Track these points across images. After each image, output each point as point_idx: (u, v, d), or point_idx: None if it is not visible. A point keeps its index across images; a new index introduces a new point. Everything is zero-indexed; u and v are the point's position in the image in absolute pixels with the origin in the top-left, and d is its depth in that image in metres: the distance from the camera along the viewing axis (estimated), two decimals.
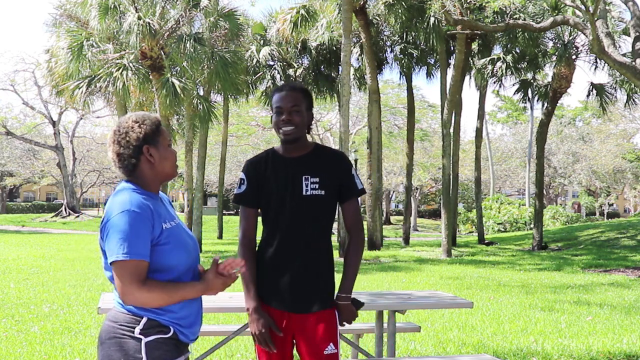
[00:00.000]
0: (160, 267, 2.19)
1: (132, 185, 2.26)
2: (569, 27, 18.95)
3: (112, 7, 16.76)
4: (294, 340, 2.72)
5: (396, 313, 4.43)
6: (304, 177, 2.70)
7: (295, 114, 2.67)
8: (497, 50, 22.80)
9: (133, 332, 2.14)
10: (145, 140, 2.26)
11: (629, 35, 15.44)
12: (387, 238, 29.66)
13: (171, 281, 2.20)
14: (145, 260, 2.13)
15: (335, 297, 2.76)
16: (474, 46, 21.56)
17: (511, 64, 21.16)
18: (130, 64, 16.94)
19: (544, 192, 34.93)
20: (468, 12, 17.33)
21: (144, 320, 2.16)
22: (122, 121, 2.30)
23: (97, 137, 47.71)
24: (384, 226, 30.56)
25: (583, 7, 13.17)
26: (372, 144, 20.17)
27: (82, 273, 11.88)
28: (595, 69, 20.48)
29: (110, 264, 2.12)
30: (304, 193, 2.68)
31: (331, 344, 2.68)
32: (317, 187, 2.69)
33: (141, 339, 2.14)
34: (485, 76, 22.26)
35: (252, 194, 2.75)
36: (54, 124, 41.25)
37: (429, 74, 23.89)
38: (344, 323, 2.78)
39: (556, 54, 20.70)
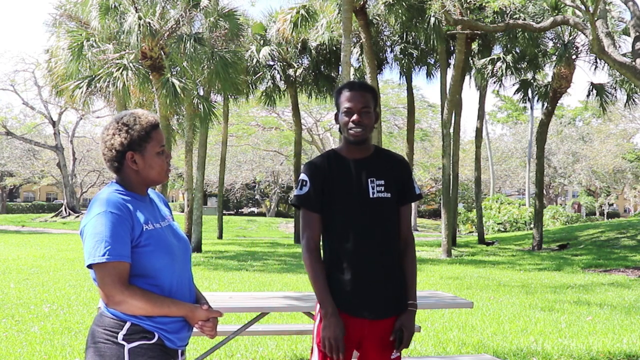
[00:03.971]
0: (142, 272, 2.12)
1: (116, 186, 2.22)
2: (569, 27, 18.95)
3: (112, 7, 16.76)
4: (360, 346, 2.67)
5: None
6: (369, 180, 2.65)
7: (366, 115, 2.61)
8: (497, 50, 22.79)
9: (116, 338, 2.08)
10: (130, 146, 2.19)
11: (629, 35, 15.44)
12: None
13: (156, 287, 2.13)
14: (125, 261, 2.06)
15: (407, 305, 2.69)
16: (474, 46, 21.56)
17: (511, 64, 21.16)
18: (130, 64, 16.93)
19: (544, 192, 34.93)
20: (468, 12, 17.33)
21: (128, 325, 2.09)
22: (114, 120, 2.24)
23: (97, 137, 47.61)
24: None
25: (583, 7, 13.17)
26: None
27: (82, 273, 11.87)
28: (595, 69, 20.49)
29: (88, 267, 2.07)
30: (371, 196, 2.63)
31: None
32: (382, 189, 2.65)
33: (124, 345, 2.07)
34: (485, 76, 22.25)
35: (315, 197, 2.62)
36: (54, 124, 41.24)
37: (429, 74, 23.88)
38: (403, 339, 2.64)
39: (556, 54, 20.71)
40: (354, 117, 2.59)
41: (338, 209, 2.62)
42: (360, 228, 2.60)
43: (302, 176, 2.66)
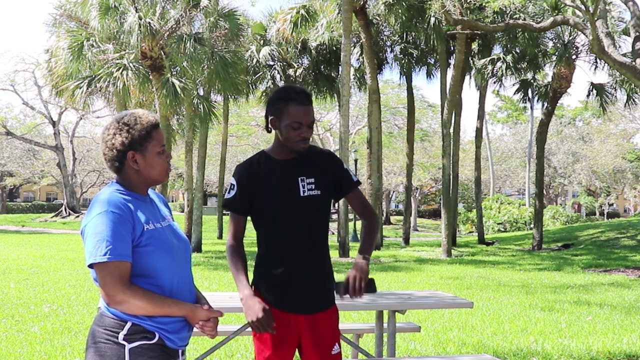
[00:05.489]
0: (142, 272, 2.12)
1: (117, 186, 2.22)
2: (569, 27, 18.95)
3: (112, 7, 16.77)
4: (300, 342, 2.72)
5: (396, 313, 4.43)
6: (299, 179, 2.69)
7: (311, 128, 2.69)
8: (497, 50, 22.80)
9: (117, 338, 2.07)
10: (130, 146, 2.19)
11: (629, 35, 15.44)
12: (387, 238, 29.66)
13: (156, 287, 2.14)
14: (127, 260, 2.06)
15: (356, 258, 2.71)
16: (474, 46, 21.56)
17: (511, 64, 21.17)
18: (130, 64, 16.93)
19: (544, 192, 34.93)
20: (468, 12, 17.33)
21: (128, 325, 2.08)
22: (115, 120, 2.24)
23: (97, 137, 47.59)
24: (384, 226, 30.55)
25: (583, 7, 13.17)
26: (372, 144, 20.17)
27: (82, 273, 11.88)
28: (595, 69, 20.49)
29: (89, 266, 2.07)
30: (301, 194, 2.68)
31: (337, 344, 2.72)
32: (313, 187, 2.69)
33: (125, 345, 2.07)
34: (485, 76, 22.26)
35: (241, 200, 2.70)
36: (54, 124, 41.26)
37: (429, 74, 23.88)
38: (358, 291, 2.59)
39: (556, 54, 20.71)
40: (304, 132, 2.64)
41: (268, 208, 2.68)
42: (290, 226, 2.66)
43: (232, 179, 2.74)
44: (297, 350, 2.73)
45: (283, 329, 2.66)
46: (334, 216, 32.52)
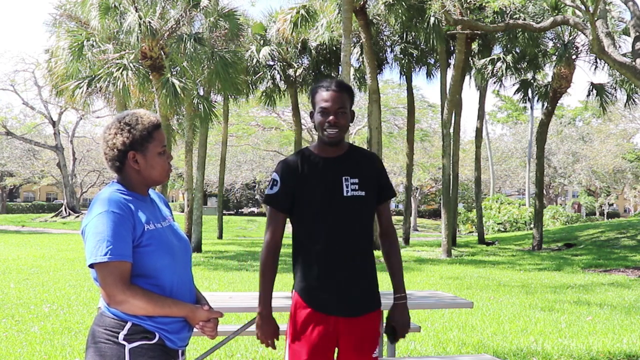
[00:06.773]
0: (143, 272, 2.12)
1: (117, 185, 2.22)
2: (569, 27, 18.95)
3: (112, 7, 16.77)
4: (338, 344, 2.67)
5: None
6: (343, 178, 2.63)
7: (342, 115, 2.59)
8: (497, 50, 22.79)
9: (117, 338, 2.08)
10: (131, 146, 2.19)
11: (629, 35, 15.44)
12: None
13: (157, 287, 2.14)
14: (127, 260, 2.06)
15: (393, 299, 2.76)
16: (474, 46, 21.55)
17: (511, 64, 21.15)
18: (130, 64, 16.93)
19: (544, 192, 34.93)
20: (468, 12, 17.33)
21: (129, 325, 2.09)
22: (116, 120, 2.24)
23: (97, 137, 47.55)
24: None
25: (583, 7, 13.17)
26: (372, 144, 20.16)
27: (82, 273, 11.87)
28: (595, 69, 20.48)
29: (90, 266, 2.07)
30: (344, 194, 2.61)
31: (377, 348, 2.69)
32: (357, 187, 2.63)
33: (125, 345, 2.07)
34: (485, 76, 22.25)
35: (284, 197, 2.63)
36: (54, 124, 41.23)
37: (429, 74, 23.87)
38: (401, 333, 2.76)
39: (556, 54, 20.71)
40: (330, 117, 2.57)
41: (310, 207, 2.62)
42: (332, 226, 2.60)
43: (274, 175, 2.67)
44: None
45: (321, 331, 2.61)
46: None
